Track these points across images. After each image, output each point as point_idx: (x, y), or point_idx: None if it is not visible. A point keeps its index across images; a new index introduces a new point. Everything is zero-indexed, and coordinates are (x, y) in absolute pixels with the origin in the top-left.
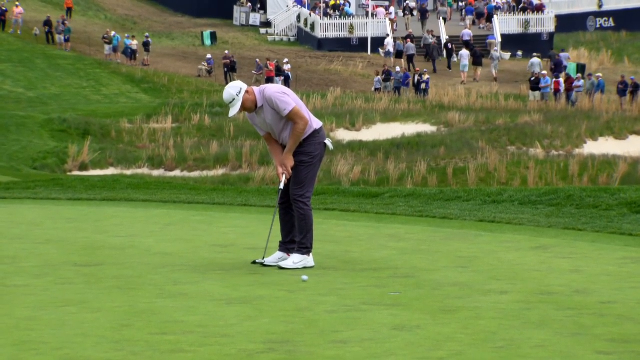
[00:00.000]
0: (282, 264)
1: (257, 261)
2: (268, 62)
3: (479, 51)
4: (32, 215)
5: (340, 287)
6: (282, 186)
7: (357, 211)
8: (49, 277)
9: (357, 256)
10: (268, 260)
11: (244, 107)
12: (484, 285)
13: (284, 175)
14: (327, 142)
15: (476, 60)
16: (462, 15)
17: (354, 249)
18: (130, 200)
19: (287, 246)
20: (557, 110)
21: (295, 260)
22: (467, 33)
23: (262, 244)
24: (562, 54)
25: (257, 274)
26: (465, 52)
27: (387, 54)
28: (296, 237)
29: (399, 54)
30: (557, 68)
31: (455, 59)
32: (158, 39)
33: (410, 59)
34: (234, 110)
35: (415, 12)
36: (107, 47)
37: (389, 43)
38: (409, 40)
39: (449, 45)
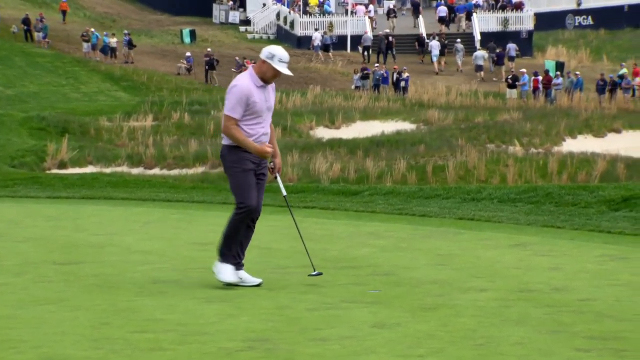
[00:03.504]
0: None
1: (313, 274)
2: (245, 60)
3: (445, 42)
4: (11, 213)
5: (321, 285)
6: (282, 188)
7: (336, 209)
8: (28, 275)
9: (337, 254)
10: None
11: (274, 75)
12: (463, 283)
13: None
14: None
15: (442, 50)
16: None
17: (333, 247)
18: (110, 199)
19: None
20: (536, 108)
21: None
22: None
23: None
24: (510, 45)
25: None
26: (435, 43)
27: (316, 48)
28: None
29: (326, 48)
30: (499, 61)
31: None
32: (137, 37)
33: (365, 50)
34: (288, 71)
35: (405, 11)
36: (85, 45)
37: (317, 37)
38: (366, 31)
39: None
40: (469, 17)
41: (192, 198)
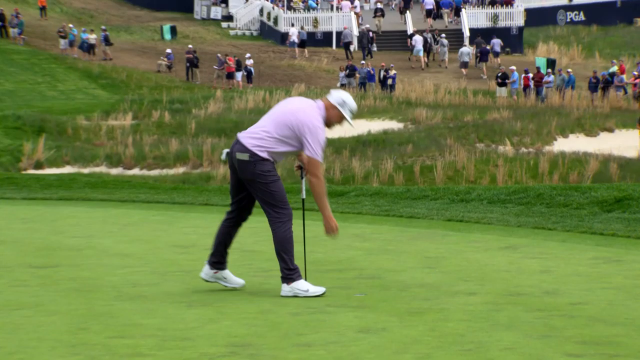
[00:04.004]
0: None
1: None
2: (227, 57)
3: (437, 37)
4: None
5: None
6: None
7: (307, 209)
8: (3, 279)
9: (322, 257)
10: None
11: (338, 123)
12: (451, 286)
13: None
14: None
15: (425, 46)
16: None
17: (318, 249)
18: (88, 200)
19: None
20: (526, 107)
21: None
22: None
23: None
24: (494, 41)
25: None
26: (418, 38)
27: (292, 44)
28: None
29: (302, 44)
30: (483, 57)
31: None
32: (116, 33)
33: (346, 46)
34: (352, 122)
35: (394, 6)
36: (62, 41)
37: (294, 33)
38: (345, 27)
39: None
40: (457, 13)
41: (173, 199)
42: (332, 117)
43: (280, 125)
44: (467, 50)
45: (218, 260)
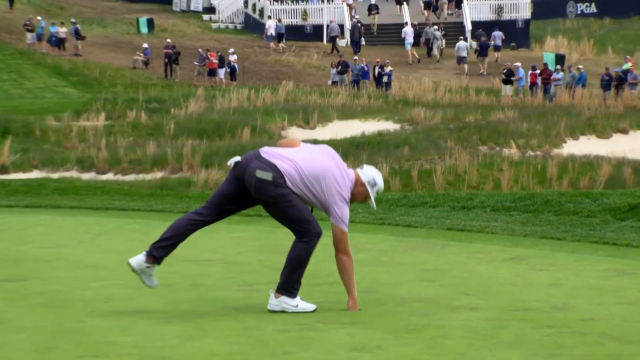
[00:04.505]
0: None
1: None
2: (208, 52)
3: (430, 31)
4: None
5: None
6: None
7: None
8: None
9: (311, 269)
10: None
11: (360, 202)
12: (452, 300)
13: None
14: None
15: (416, 40)
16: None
17: None
18: (57, 207)
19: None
20: (533, 106)
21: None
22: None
23: (205, 255)
24: (495, 33)
25: (199, 289)
26: (409, 30)
27: (269, 37)
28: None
29: (279, 37)
30: (482, 51)
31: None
32: (88, 26)
33: (333, 40)
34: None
35: None
36: (29, 35)
37: (270, 26)
38: (332, 19)
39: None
40: (458, 5)
41: (150, 206)
42: (358, 195)
43: (312, 173)
44: (464, 44)
45: (165, 255)
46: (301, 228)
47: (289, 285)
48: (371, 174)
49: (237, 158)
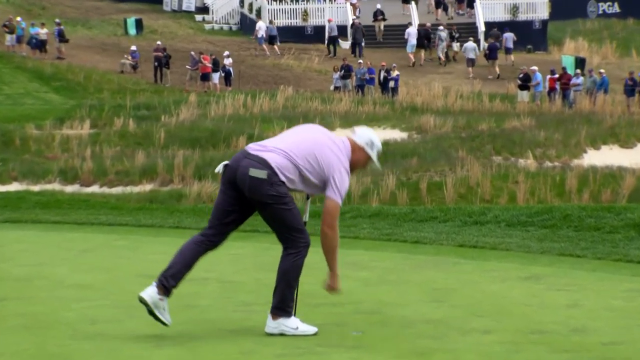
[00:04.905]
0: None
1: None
2: (201, 55)
3: (424, 31)
4: None
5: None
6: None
7: (311, 234)
8: None
9: (312, 288)
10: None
11: (363, 167)
12: (463, 322)
13: None
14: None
15: (420, 42)
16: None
17: (307, 279)
18: (39, 222)
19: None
20: (551, 113)
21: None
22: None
23: (199, 274)
24: (506, 35)
25: (193, 310)
26: (412, 31)
27: (260, 40)
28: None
29: (271, 40)
30: (492, 53)
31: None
32: (72, 28)
33: (332, 40)
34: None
35: None
36: (9, 37)
37: (261, 27)
38: (330, 19)
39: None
40: (470, 4)
41: (139, 221)
42: (359, 161)
43: (305, 153)
44: (472, 45)
45: (175, 285)
46: (291, 236)
47: (284, 304)
48: (367, 135)
49: (226, 162)
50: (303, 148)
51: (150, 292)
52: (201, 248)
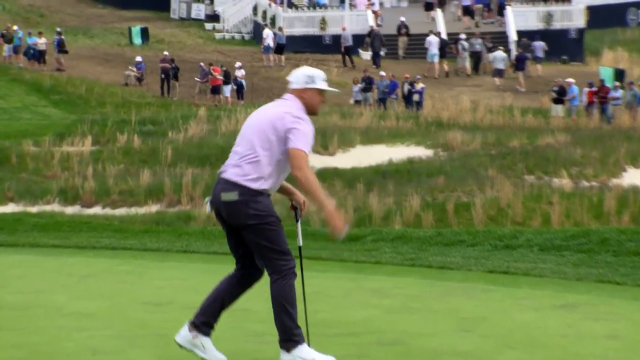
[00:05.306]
0: None
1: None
2: (212, 67)
3: (444, 40)
4: None
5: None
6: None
7: (330, 259)
8: None
9: (330, 317)
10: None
11: (322, 101)
12: (493, 354)
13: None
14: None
15: (442, 52)
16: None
17: (324, 307)
18: (37, 246)
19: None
20: (588, 129)
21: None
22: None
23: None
24: (536, 43)
25: None
26: (434, 39)
27: (267, 49)
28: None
29: (278, 49)
30: (519, 64)
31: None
32: (73, 37)
33: (347, 51)
34: (333, 88)
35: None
36: (6, 47)
37: (268, 35)
38: (344, 27)
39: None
40: (501, 12)
41: (144, 245)
42: (311, 100)
43: (260, 134)
44: (503, 55)
45: (207, 320)
46: (276, 260)
47: (288, 334)
48: (301, 75)
49: (209, 198)
50: (252, 138)
51: (182, 333)
52: (231, 283)
